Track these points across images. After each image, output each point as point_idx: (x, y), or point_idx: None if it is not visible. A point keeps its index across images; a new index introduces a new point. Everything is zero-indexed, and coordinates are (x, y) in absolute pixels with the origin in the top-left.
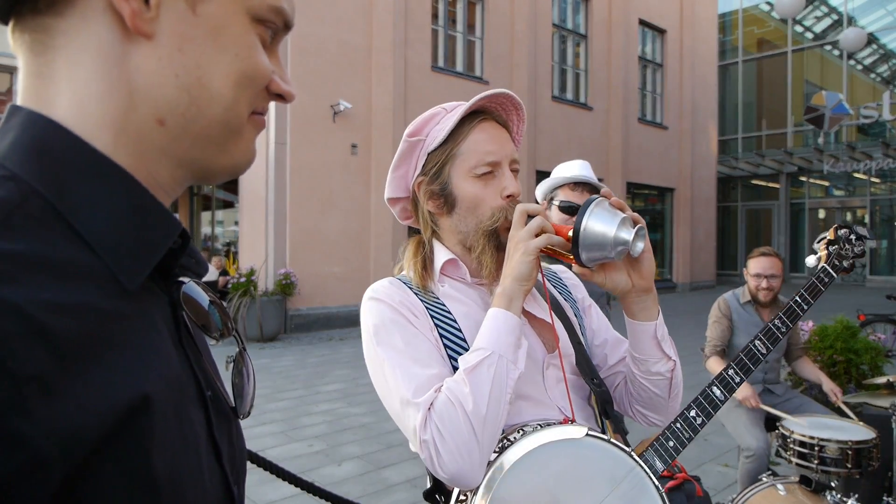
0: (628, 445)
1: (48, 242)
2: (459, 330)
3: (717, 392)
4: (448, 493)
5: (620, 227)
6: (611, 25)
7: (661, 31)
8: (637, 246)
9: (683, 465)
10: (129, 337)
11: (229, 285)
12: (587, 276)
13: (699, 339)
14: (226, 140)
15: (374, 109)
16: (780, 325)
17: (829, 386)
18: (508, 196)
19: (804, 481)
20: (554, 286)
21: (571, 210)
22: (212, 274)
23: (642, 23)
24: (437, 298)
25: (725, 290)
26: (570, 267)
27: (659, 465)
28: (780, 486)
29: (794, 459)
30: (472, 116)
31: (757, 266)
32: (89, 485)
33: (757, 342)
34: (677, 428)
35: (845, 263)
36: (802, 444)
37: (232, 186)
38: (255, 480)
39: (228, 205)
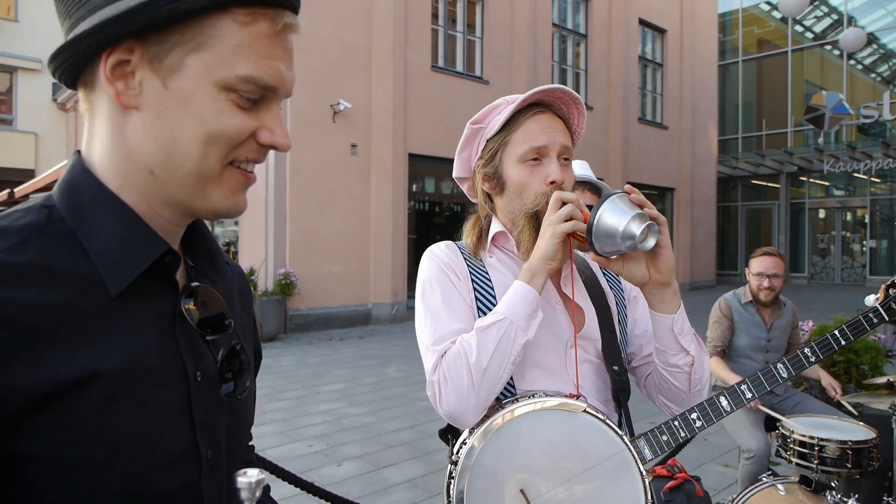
0: (632, 430)
1: (54, 256)
2: (494, 297)
3: (724, 402)
4: (458, 434)
5: (632, 221)
6: (611, 25)
7: (661, 31)
8: (648, 242)
9: (683, 466)
10: (100, 328)
11: None
12: (604, 264)
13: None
14: (202, 187)
15: (374, 109)
16: (809, 354)
17: (827, 380)
18: (552, 182)
19: (804, 481)
20: (604, 272)
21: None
22: None
23: (642, 22)
24: (483, 266)
25: (725, 290)
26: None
27: (648, 453)
28: (780, 486)
29: (794, 459)
30: (530, 108)
31: (760, 265)
32: (33, 427)
33: (780, 366)
34: (675, 425)
35: None
36: (802, 444)
37: None
38: None
39: None
